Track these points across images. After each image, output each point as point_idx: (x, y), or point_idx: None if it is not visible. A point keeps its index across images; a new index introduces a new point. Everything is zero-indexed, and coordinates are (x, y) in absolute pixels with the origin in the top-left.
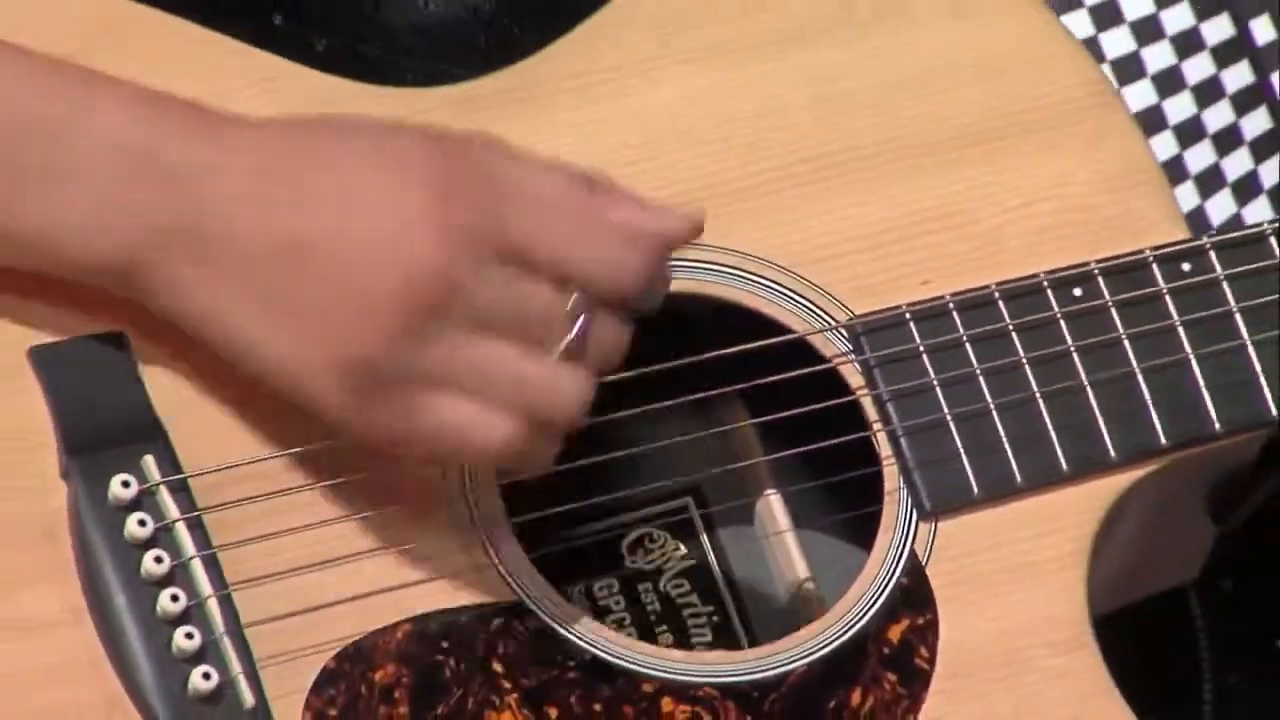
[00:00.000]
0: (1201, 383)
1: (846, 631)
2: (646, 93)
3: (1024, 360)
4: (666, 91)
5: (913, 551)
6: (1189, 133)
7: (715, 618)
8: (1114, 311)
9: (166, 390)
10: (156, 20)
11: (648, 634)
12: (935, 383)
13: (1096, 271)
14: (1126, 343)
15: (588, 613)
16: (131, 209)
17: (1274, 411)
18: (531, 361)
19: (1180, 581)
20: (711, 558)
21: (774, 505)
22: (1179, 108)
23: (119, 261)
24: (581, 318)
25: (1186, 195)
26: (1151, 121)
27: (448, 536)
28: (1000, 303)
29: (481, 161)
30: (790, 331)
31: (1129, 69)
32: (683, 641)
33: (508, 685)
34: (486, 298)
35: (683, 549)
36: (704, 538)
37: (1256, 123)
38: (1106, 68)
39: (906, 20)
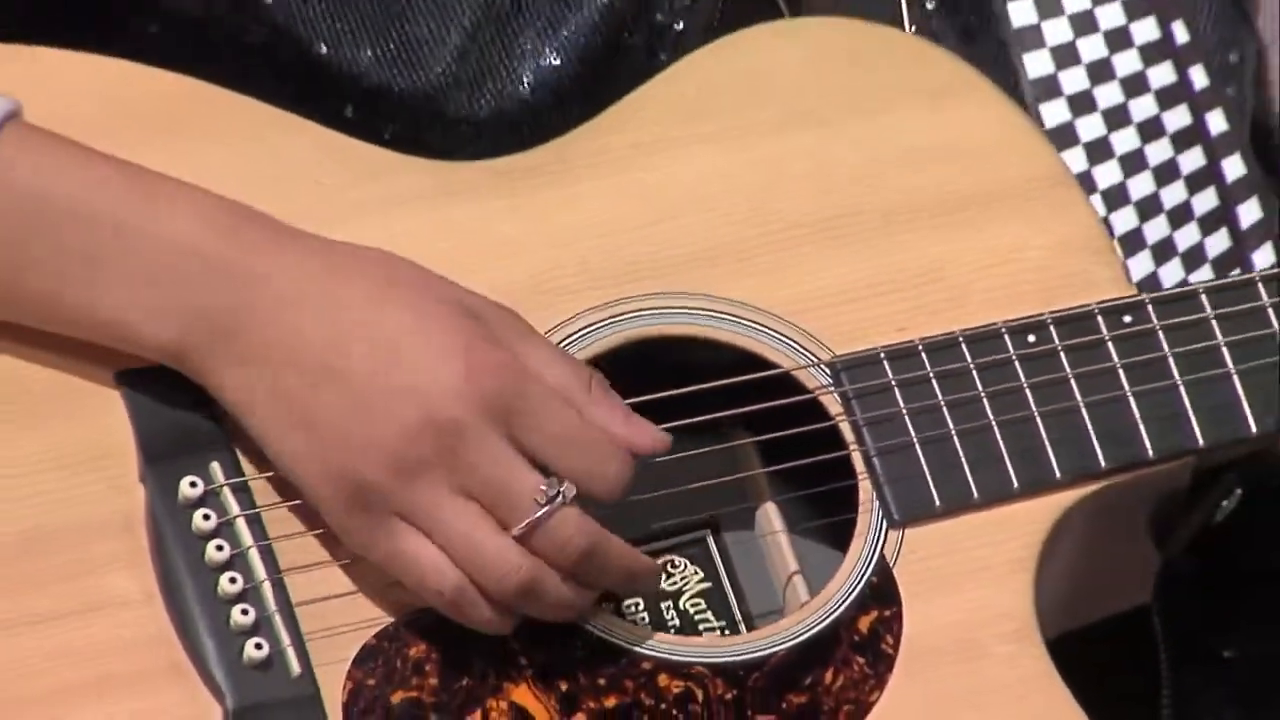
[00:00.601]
0: (1138, 416)
1: (823, 621)
2: (661, 167)
3: (982, 394)
4: (679, 166)
5: (882, 554)
6: (1149, 209)
7: (727, 632)
8: (1063, 355)
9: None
10: (245, 104)
11: (681, 620)
12: (904, 412)
13: (1049, 321)
14: (1073, 381)
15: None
16: (187, 307)
17: (1200, 442)
18: (488, 533)
19: (1134, 604)
20: (725, 582)
21: (770, 511)
22: (1140, 185)
23: (173, 350)
24: (544, 509)
25: (1143, 263)
26: (1117, 198)
27: None
28: (963, 345)
29: (507, 341)
30: (780, 367)
31: (1100, 150)
32: (679, 620)
33: (524, 662)
34: (477, 465)
35: (701, 573)
36: (719, 564)
37: (1206, 200)
38: (1081, 149)
39: (891, 109)
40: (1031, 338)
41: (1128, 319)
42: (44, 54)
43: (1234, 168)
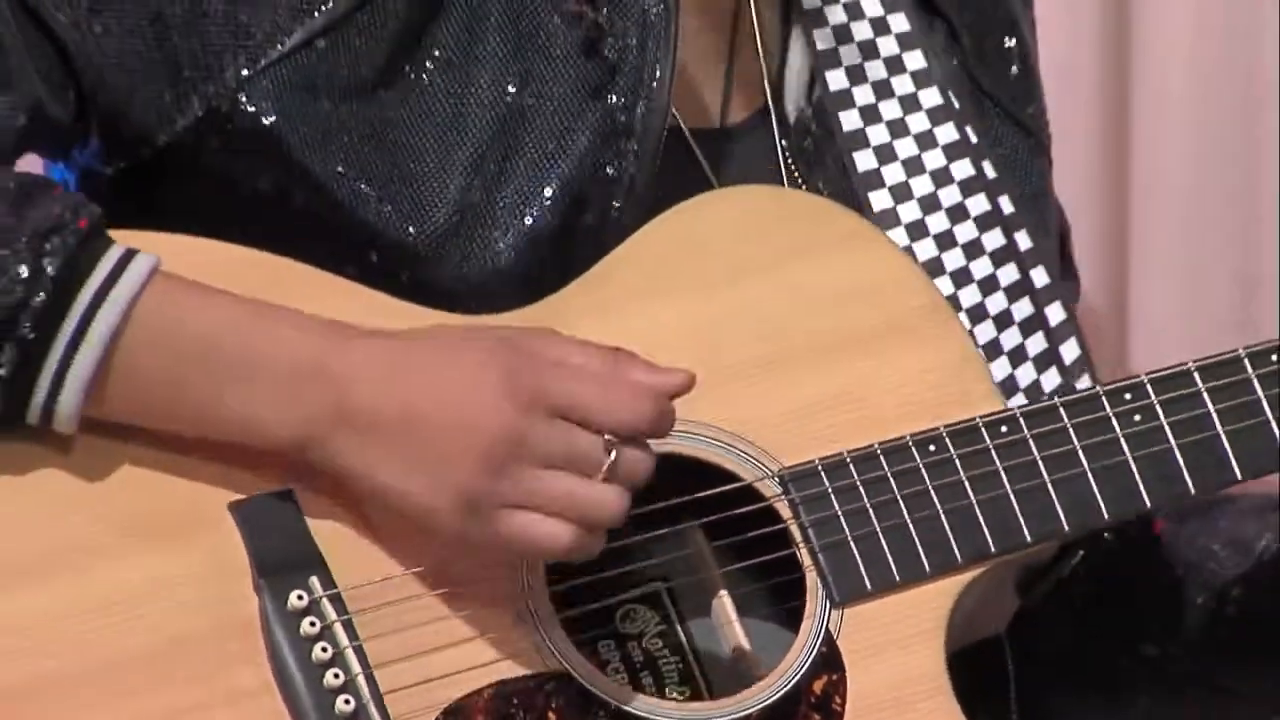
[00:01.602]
0: (1017, 509)
1: (786, 686)
2: (632, 320)
3: (898, 497)
4: (646, 318)
5: (828, 630)
6: (976, 316)
7: (681, 666)
8: (957, 461)
9: (323, 529)
10: (302, 270)
11: (634, 678)
12: (839, 514)
13: (944, 433)
14: (966, 483)
15: (609, 677)
16: (303, 403)
17: (1067, 529)
18: (580, 485)
19: (997, 631)
20: (678, 626)
21: (725, 600)
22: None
23: (297, 439)
24: (613, 452)
25: (1002, 367)
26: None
27: (516, 628)
28: (881, 457)
29: (534, 346)
30: (741, 479)
31: (931, 268)
32: (659, 682)
33: None
34: (543, 444)
35: (657, 618)
36: (671, 611)
37: (1023, 308)
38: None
39: (808, 259)
40: (932, 447)
41: (1004, 429)
42: (158, 238)
43: (1040, 277)
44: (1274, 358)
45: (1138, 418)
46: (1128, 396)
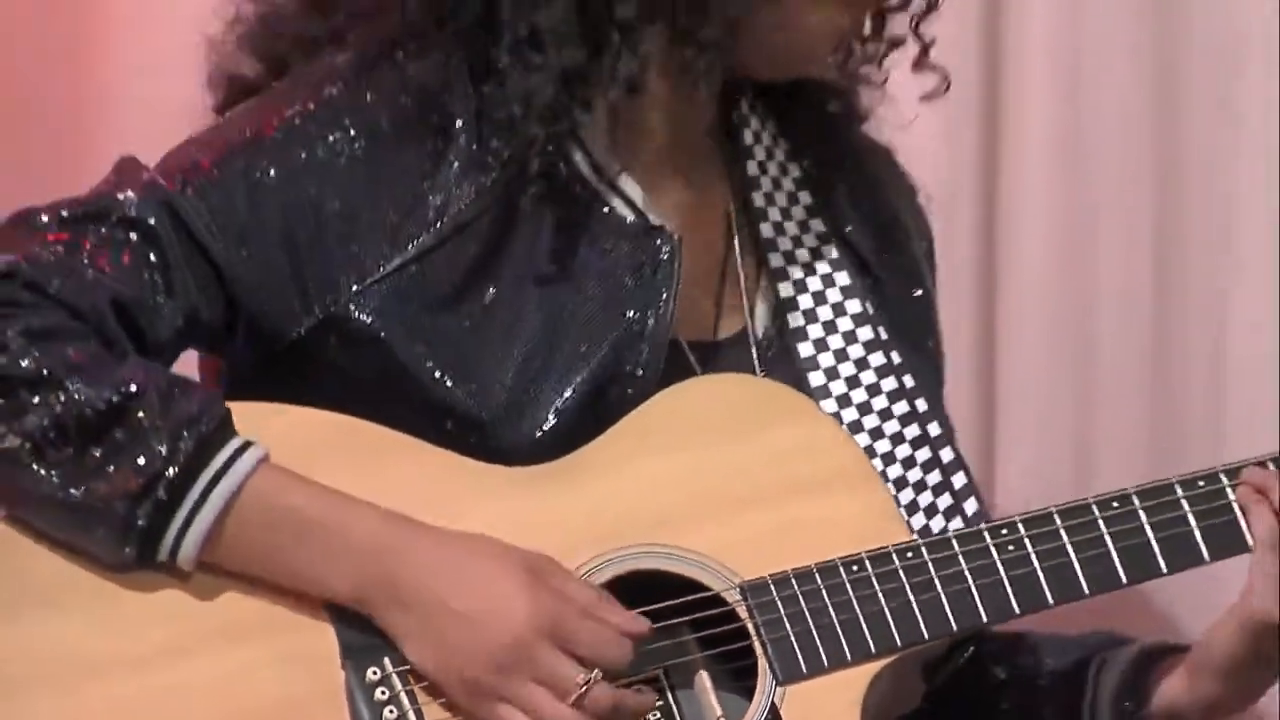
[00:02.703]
0: (918, 614)
1: None
2: (635, 470)
3: (828, 604)
4: (646, 469)
5: (773, 702)
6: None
7: None
8: (874, 579)
9: None
10: (391, 435)
11: None
12: (783, 615)
13: (865, 557)
14: (880, 596)
15: None
16: (364, 575)
17: (955, 629)
18: (550, 704)
19: (911, 708)
20: (670, 697)
21: (704, 679)
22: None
23: (355, 599)
24: (583, 689)
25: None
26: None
27: None
28: (816, 574)
29: (551, 581)
30: (711, 590)
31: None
32: None
33: None
34: (538, 663)
35: (657, 696)
36: (667, 687)
37: (934, 477)
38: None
39: (767, 429)
40: (855, 567)
41: (909, 554)
42: (275, 413)
43: (934, 429)
44: (1114, 505)
45: (1011, 547)
46: (1004, 531)
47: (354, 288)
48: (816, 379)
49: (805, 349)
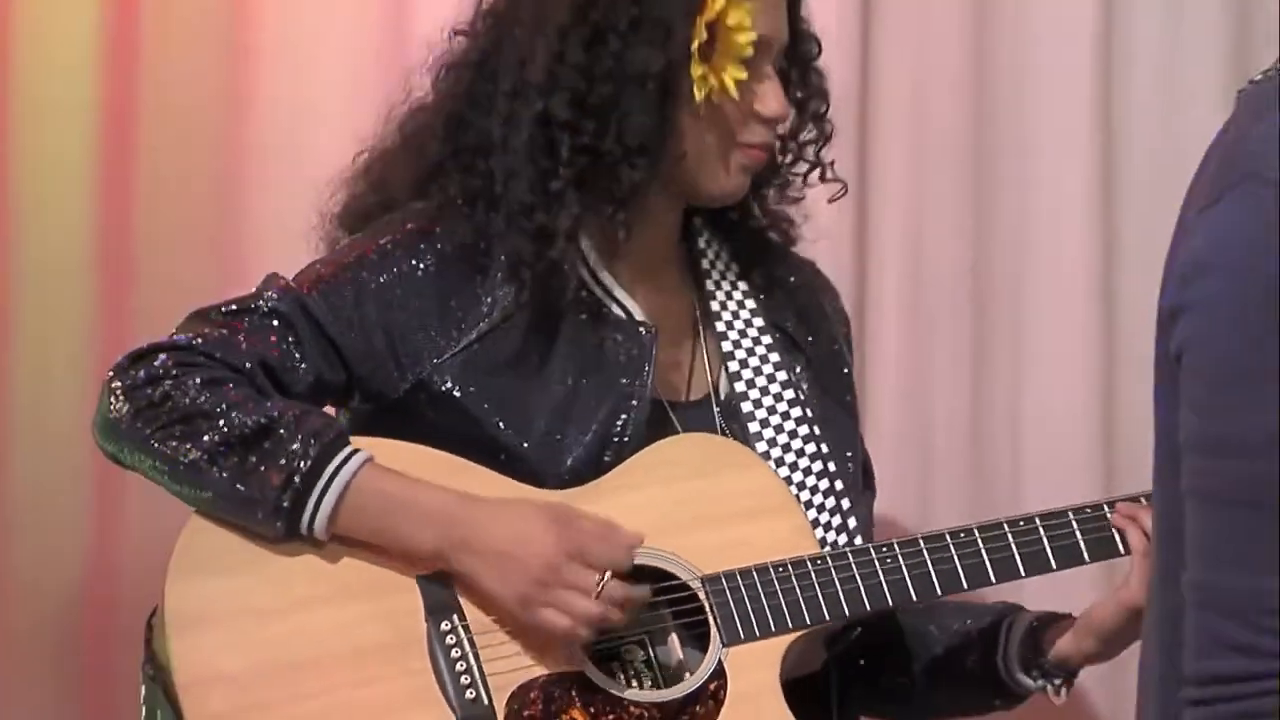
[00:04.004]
0: (822, 602)
1: (696, 685)
2: (631, 496)
3: (760, 592)
4: (638, 497)
5: (720, 659)
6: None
7: (650, 675)
8: (794, 579)
9: (462, 590)
10: (460, 463)
11: (625, 680)
12: (729, 599)
13: (788, 562)
14: (798, 591)
15: (609, 678)
16: (443, 535)
17: (846, 614)
18: (582, 599)
19: (813, 669)
20: (651, 653)
21: (674, 640)
22: None
23: (438, 552)
24: (601, 585)
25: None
26: None
27: (560, 651)
28: (755, 573)
29: (571, 522)
30: (680, 579)
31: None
32: (639, 683)
33: (579, 702)
34: (568, 573)
35: (641, 651)
36: (650, 646)
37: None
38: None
39: (724, 472)
40: (780, 569)
41: (819, 561)
42: (382, 442)
43: (840, 485)
44: (1020, 523)
45: (908, 555)
46: (892, 548)
47: (434, 361)
48: (754, 427)
49: (747, 407)
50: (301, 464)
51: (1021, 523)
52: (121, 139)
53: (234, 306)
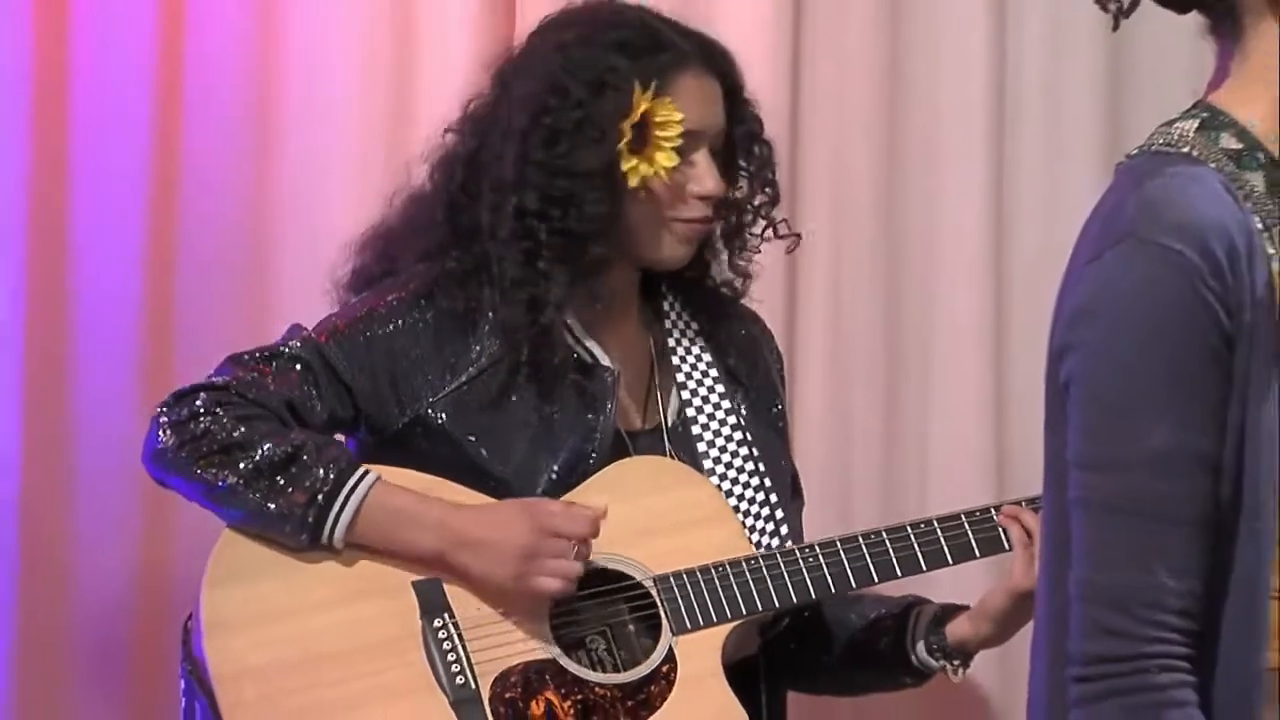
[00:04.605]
0: (755, 594)
1: (649, 669)
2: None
3: (703, 588)
4: (605, 497)
5: (670, 646)
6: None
7: (611, 661)
8: (730, 574)
9: (451, 593)
10: (448, 484)
11: (589, 665)
12: (676, 594)
13: (726, 563)
14: (735, 586)
15: (576, 663)
16: (439, 539)
17: (776, 605)
18: (564, 562)
19: (749, 654)
20: (612, 643)
21: (631, 630)
22: None
23: (436, 554)
24: (574, 549)
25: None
26: None
27: (535, 641)
28: (698, 571)
29: (541, 512)
30: (634, 579)
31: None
32: (602, 668)
33: (552, 684)
34: (545, 546)
35: (602, 641)
36: (611, 637)
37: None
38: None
39: (671, 489)
40: (719, 569)
41: (752, 562)
42: (384, 469)
43: (774, 496)
44: (921, 525)
45: (826, 554)
46: (814, 549)
47: (430, 399)
48: (702, 448)
49: (697, 430)
50: (324, 485)
51: (922, 525)
52: (166, 206)
53: (263, 352)
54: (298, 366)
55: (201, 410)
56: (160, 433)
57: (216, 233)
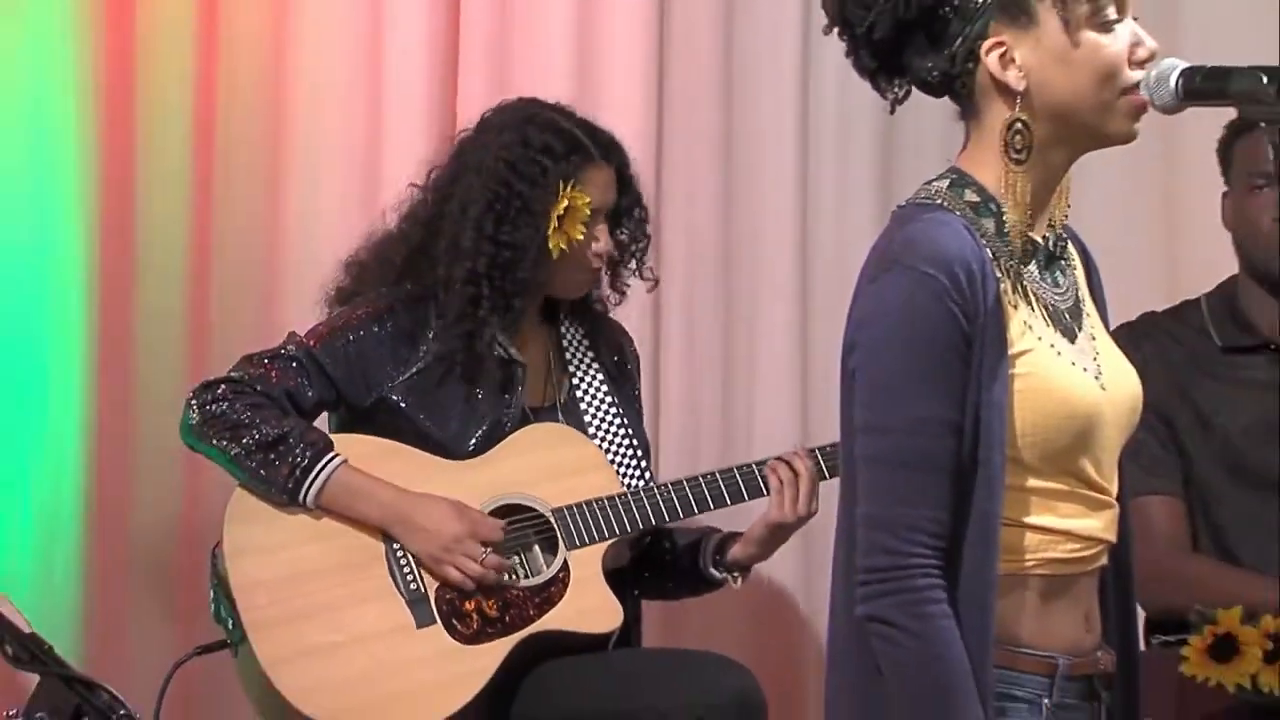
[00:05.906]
0: (624, 516)
1: (550, 574)
2: (500, 465)
3: (589, 516)
4: (508, 463)
5: (565, 557)
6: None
7: (524, 570)
8: (607, 506)
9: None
10: (409, 451)
11: (510, 576)
12: (568, 521)
13: (604, 497)
14: (610, 513)
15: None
16: (386, 515)
17: (640, 527)
18: (473, 564)
19: (621, 565)
20: (523, 561)
21: (537, 550)
22: None
23: (383, 525)
24: (485, 554)
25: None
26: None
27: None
28: (584, 505)
29: (465, 508)
30: (540, 512)
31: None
32: (517, 579)
33: (479, 590)
34: (465, 544)
35: (518, 557)
36: (521, 557)
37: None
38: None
39: (561, 449)
40: (599, 503)
41: (622, 496)
42: (357, 437)
43: (639, 454)
44: (709, 475)
45: (676, 490)
46: (666, 487)
47: (389, 384)
48: (588, 419)
49: (582, 406)
50: (300, 463)
51: (719, 472)
52: (203, 232)
53: (269, 354)
54: (294, 364)
55: (220, 396)
56: (190, 412)
57: (238, 263)
